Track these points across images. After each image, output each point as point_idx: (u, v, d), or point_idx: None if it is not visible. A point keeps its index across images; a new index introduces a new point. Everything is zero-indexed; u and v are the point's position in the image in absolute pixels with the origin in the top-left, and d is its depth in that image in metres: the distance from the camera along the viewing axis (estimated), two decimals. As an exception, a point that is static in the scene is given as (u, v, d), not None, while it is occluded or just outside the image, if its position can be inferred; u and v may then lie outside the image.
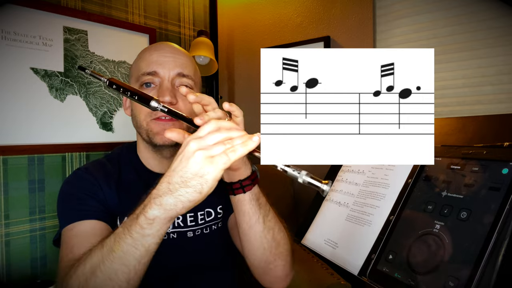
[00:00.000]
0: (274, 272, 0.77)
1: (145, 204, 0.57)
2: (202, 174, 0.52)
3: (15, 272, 1.33)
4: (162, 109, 0.64)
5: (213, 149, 0.53)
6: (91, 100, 1.55)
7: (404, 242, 0.82)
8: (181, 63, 0.85)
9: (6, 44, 1.31)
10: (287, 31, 1.85)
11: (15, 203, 1.34)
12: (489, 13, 1.30)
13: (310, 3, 1.76)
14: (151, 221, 0.55)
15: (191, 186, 0.53)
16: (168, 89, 0.81)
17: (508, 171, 0.73)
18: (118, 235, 0.58)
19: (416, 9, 1.47)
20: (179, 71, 0.84)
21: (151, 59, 0.83)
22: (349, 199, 1.08)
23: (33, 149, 1.38)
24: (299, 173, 0.56)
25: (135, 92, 0.67)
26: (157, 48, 0.86)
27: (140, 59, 0.86)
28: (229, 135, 0.55)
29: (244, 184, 0.70)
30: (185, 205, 0.54)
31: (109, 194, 0.81)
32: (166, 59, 0.84)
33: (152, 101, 0.64)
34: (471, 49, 1.35)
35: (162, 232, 0.57)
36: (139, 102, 0.66)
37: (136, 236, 0.56)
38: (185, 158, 0.53)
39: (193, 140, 0.54)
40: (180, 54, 0.87)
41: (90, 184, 0.80)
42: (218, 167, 0.52)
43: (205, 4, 2.04)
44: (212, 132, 0.55)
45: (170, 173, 0.55)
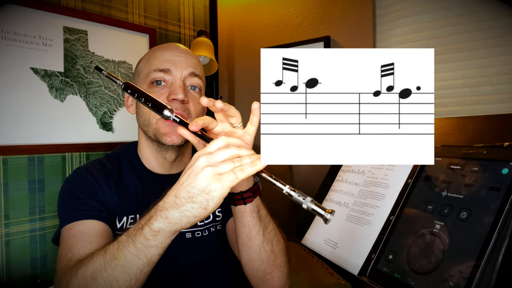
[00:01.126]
0: (271, 283, 0.78)
1: (150, 216, 0.57)
2: (209, 191, 0.53)
3: (15, 272, 1.33)
4: (175, 119, 0.64)
5: (222, 166, 0.54)
6: (91, 100, 1.55)
7: (404, 242, 0.82)
8: (193, 63, 0.86)
9: (6, 44, 1.31)
10: (287, 31, 1.85)
11: (15, 203, 1.34)
12: (489, 13, 1.30)
13: (310, 3, 1.76)
14: (156, 233, 0.56)
15: (197, 202, 0.53)
16: (181, 87, 0.82)
17: (508, 171, 0.73)
18: (121, 243, 0.58)
19: (416, 9, 1.47)
20: (192, 70, 0.85)
21: (164, 57, 0.84)
22: (349, 199, 1.08)
23: (33, 149, 1.38)
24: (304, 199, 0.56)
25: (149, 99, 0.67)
26: (170, 47, 0.87)
27: (151, 57, 0.86)
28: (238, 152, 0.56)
29: (245, 196, 0.69)
30: (190, 220, 0.54)
31: (108, 194, 0.81)
32: (180, 58, 0.85)
33: (166, 110, 0.64)
34: (471, 49, 1.35)
35: (166, 244, 0.57)
36: (152, 109, 0.66)
37: (140, 246, 0.56)
38: (193, 173, 0.54)
39: (203, 156, 0.55)
40: (192, 55, 0.89)
41: (90, 184, 0.81)
42: (225, 184, 0.53)
43: (205, 4, 2.04)
44: (221, 148, 0.56)
45: (177, 187, 0.56)
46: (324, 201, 1.18)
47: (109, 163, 0.88)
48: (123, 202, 0.82)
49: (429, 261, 0.75)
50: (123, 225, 0.82)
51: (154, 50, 0.88)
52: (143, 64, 0.88)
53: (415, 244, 0.80)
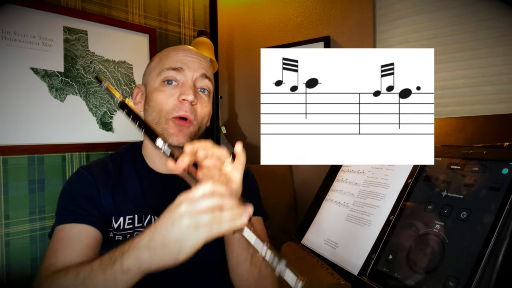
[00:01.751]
0: None
1: (123, 251, 0.57)
2: (181, 241, 0.53)
3: (15, 272, 1.33)
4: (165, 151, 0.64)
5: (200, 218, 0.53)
6: (91, 100, 1.55)
7: (404, 242, 0.82)
8: (205, 65, 0.88)
9: (6, 44, 1.31)
10: (287, 31, 1.85)
11: (15, 203, 1.34)
12: (489, 13, 1.30)
13: (310, 3, 1.76)
14: (126, 270, 0.56)
15: (168, 249, 0.53)
16: (191, 88, 0.83)
17: (508, 171, 0.73)
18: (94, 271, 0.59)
19: (416, 9, 1.47)
20: (204, 72, 0.86)
21: (177, 57, 0.86)
22: (349, 199, 1.08)
23: (33, 149, 1.38)
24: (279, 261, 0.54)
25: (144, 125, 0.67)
26: (184, 48, 0.89)
27: (164, 56, 0.88)
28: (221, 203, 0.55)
29: None
30: (159, 264, 0.55)
31: (105, 195, 0.83)
32: (192, 59, 0.86)
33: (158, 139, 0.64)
34: (471, 49, 1.35)
35: (134, 281, 0.58)
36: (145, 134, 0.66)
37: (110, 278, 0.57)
38: (171, 219, 0.54)
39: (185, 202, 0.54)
40: (204, 57, 0.91)
41: (88, 185, 0.83)
42: (199, 237, 0.53)
43: (205, 4, 2.04)
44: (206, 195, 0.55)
45: (154, 229, 0.56)
46: (324, 201, 1.18)
47: (111, 162, 0.89)
48: (121, 203, 0.83)
49: (429, 261, 0.75)
50: (120, 225, 0.83)
51: (167, 50, 0.90)
52: (155, 63, 0.90)
53: (415, 244, 0.80)
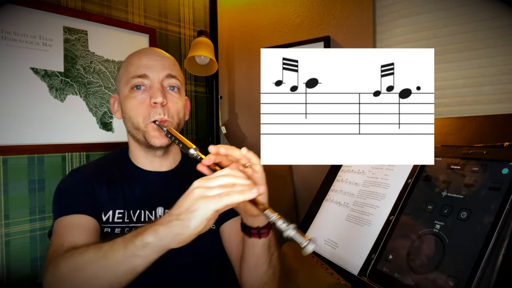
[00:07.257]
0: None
1: (146, 228, 0.60)
2: (192, 210, 0.55)
3: (15, 272, 1.33)
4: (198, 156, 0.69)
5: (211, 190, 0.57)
6: (91, 100, 1.55)
7: (404, 242, 0.82)
8: (169, 65, 0.92)
9: (6, 44, 1.31)
10: (287, 31, 1.85)
11: (15, 203, 1.34)
12: (489, 13, 1.30)
13: (310, 3, 1.76)
14: (145, 244, 0.58)
15: (181, 219, 0.56)
16: (159, 90, 0.87)
17: (508, 171, 0.73)
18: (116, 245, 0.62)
19: (416, 9, 1.47)
20: (168, 72, 0.90)
21: (140, 63, 0.89)
22: (349, 199, 1.08)
23: (33, 149, 1.38)
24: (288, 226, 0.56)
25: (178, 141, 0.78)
26: (146, 52, 0.93)
27: (129, 63, 0.92)
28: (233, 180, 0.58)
29: (261, 232, 0.75)
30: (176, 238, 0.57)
31: (98, 190, 0.88)
32: (155, 62, 0.90)
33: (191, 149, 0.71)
34: (471, 49, 1.35)
35: (152, 258, 0.60)
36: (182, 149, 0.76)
37: (129, 253, 0.59)
38: (186, 194, 0.58)
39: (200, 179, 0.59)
40: (166, 57, 0.94)
41: (82, 183, 0.88)
42: (208, 206, 0.55)
43: (205, 4, 2.04)
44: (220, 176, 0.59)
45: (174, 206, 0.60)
46: (324, 201, 1.18)
47: (100, 163, 0.96)
48: (111, 198, 0.88)
49: (429, 261, 0.75)
50: (108, 218, 0.87)
51: (130, 56, 0.94)
52: (122, 71, 0.93)
53: (415, 244, 0.80)
